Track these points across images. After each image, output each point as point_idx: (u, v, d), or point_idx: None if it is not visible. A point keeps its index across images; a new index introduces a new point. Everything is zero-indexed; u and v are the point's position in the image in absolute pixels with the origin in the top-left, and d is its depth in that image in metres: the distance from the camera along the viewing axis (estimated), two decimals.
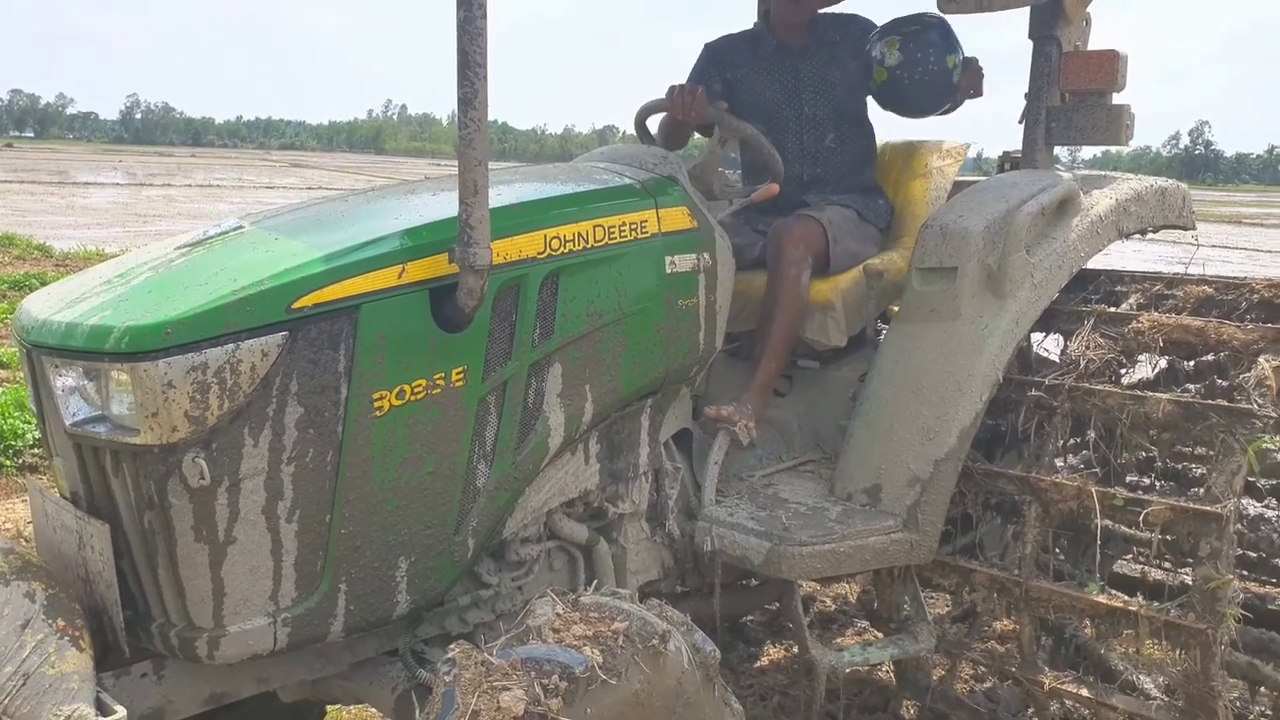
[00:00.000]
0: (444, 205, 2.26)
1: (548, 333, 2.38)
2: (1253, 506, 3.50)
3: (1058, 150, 3.37)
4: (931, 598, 4.14)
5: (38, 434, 4.96)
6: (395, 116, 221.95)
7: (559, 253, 2.38)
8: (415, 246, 2.15)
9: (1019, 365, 2.94)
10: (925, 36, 3.25)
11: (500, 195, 2.45)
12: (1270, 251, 23.95)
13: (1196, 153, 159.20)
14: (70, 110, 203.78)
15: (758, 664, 3.92)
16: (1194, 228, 3.33)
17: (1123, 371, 2.86)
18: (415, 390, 2.15)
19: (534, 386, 2.38)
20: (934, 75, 3.24)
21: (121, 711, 1.90)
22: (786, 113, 3.42)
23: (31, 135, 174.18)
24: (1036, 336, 3.08)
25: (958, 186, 3.48)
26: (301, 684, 2.36)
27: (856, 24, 3.49)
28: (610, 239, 2.50)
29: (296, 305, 1.98)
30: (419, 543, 2.22)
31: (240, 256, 2.11)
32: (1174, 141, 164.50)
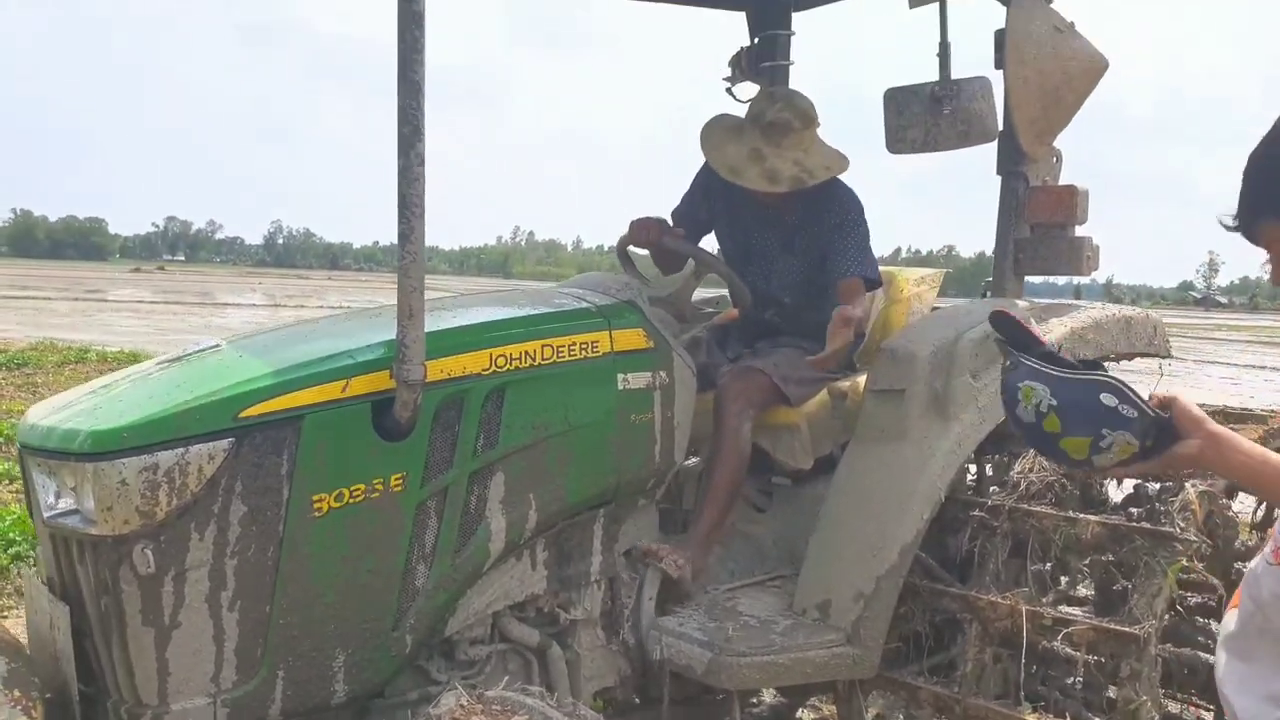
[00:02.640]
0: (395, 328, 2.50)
1: (491, 443, 2.57)
2: None
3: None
4: None
5: None
6: (523, 242, 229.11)
7: (504, 369, 2.59)
8: (360, 363, 2.38)
9: (978, 485, 3.02)
10: None
11: (455, 317, 2.70)
12: None
13: None
14: (219, 235, 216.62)
15: None
16: (1169, 356, 3.38)
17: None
18: (354, 494, 2.36)
19: (475, 493, 2.56)
20: None
21: None
22: (738, 270, 3.27)
23: (182, 259, 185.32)
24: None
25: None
26: None
27: (834, 204, 3.28)
28: (559, 357, 2.70)
29: (244, 414, 2.23)
30: (356, 636, 2.40)
31: (205, 371, 2.38)
32: None
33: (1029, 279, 3.42)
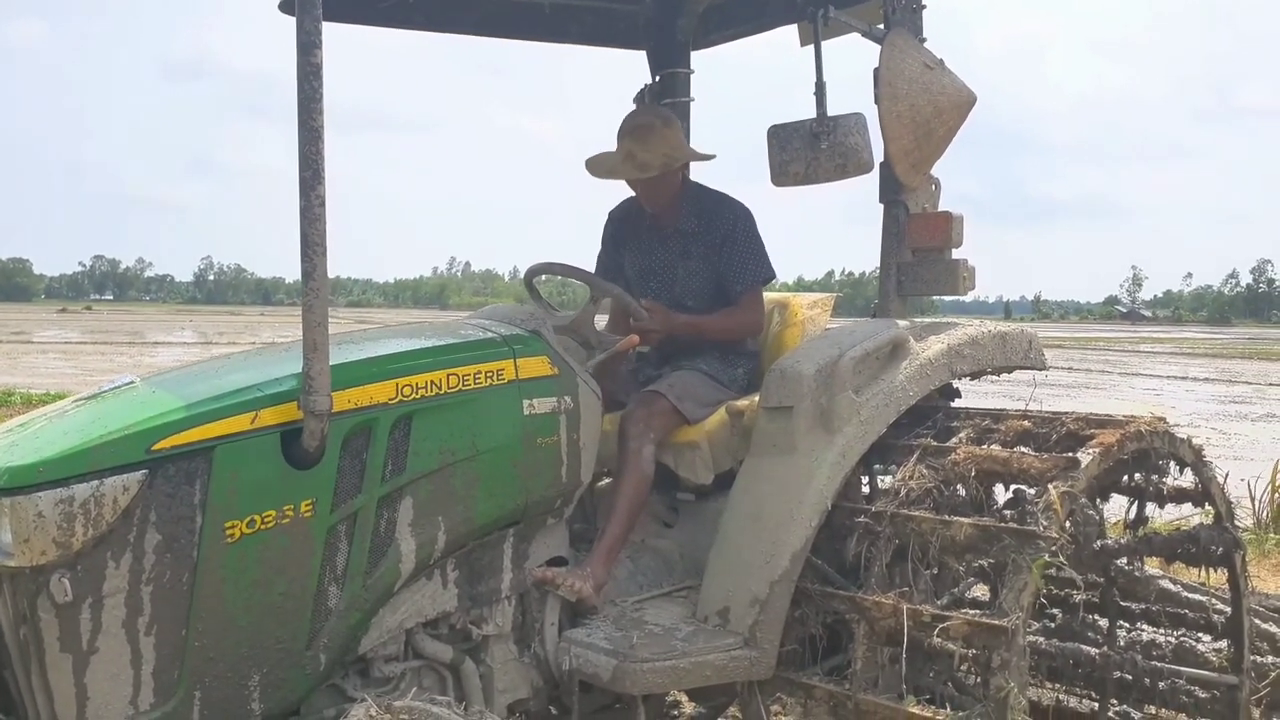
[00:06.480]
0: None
1: (399, 468, 2.70)
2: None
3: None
4: None
5: None
6: (459, 273, 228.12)
7: (411, 398, 2.72)
8: (269, 395, 2.51)
9: (868, 494, 3.21)
10: None
11: (362, 350, 2.84)
12: None
13: (1260, 290, 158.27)
14: (148, 274, 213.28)
15: None
16: (1045, 368, 3.61)
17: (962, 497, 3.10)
18: (265, 520, 2.48)
19: (385, 517, 2.68)
20: None
21: None
22: (641, 288, 3.65)
23: (111, 298, 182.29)
24: None
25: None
26: None
27: (723, 214, 3.60)
28: (465, 385, 2.84)
29: (156, 447, 2.34)
30: (271, 656, 2.51)
31: (119, 407, 2.50)
32: (1234, 280, 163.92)
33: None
